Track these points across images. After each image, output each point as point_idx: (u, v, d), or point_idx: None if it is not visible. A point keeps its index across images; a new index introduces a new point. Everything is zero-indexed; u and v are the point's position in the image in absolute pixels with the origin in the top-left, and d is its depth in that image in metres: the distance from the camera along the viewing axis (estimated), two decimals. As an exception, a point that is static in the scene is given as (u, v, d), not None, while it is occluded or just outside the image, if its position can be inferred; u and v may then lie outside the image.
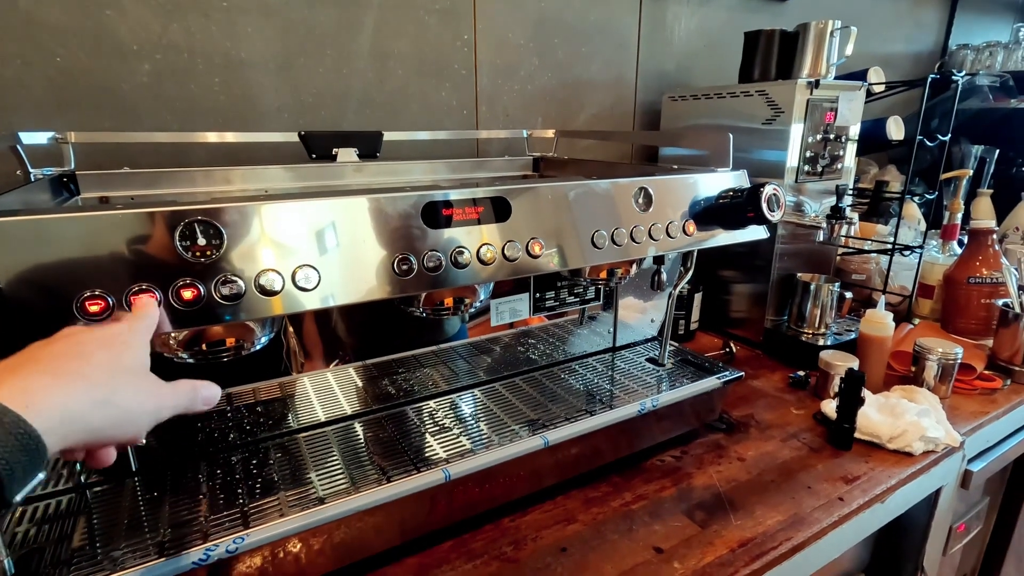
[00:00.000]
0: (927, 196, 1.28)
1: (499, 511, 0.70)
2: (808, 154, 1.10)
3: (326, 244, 0.50)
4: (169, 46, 0.87)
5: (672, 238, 0.70)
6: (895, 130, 1.19)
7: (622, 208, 0.67)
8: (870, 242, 1.30)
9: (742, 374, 0.87)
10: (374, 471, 0.64)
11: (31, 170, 0.69)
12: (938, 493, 0.89)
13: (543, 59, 1.22)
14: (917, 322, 1.27)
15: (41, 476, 0.31)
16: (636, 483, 0.77)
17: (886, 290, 1.23)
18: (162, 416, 0.39)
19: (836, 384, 0.93)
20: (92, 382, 0.34)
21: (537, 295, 0.88)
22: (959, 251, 1.30)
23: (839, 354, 0.99)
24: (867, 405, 0.87)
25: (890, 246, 1.18)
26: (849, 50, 1.13)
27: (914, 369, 1.02)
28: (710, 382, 0.85)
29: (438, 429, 0.74)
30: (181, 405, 0.41)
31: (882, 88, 1.20)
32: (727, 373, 0.87)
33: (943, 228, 1.38)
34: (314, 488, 0.61)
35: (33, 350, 0.35)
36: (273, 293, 0.47)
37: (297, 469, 0.65)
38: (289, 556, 0.56)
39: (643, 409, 0.77)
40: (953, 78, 1.13)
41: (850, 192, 1.20)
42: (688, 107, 1.27)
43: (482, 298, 0.69)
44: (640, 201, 0.68)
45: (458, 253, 0.55)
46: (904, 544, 0.94)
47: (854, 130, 1.15)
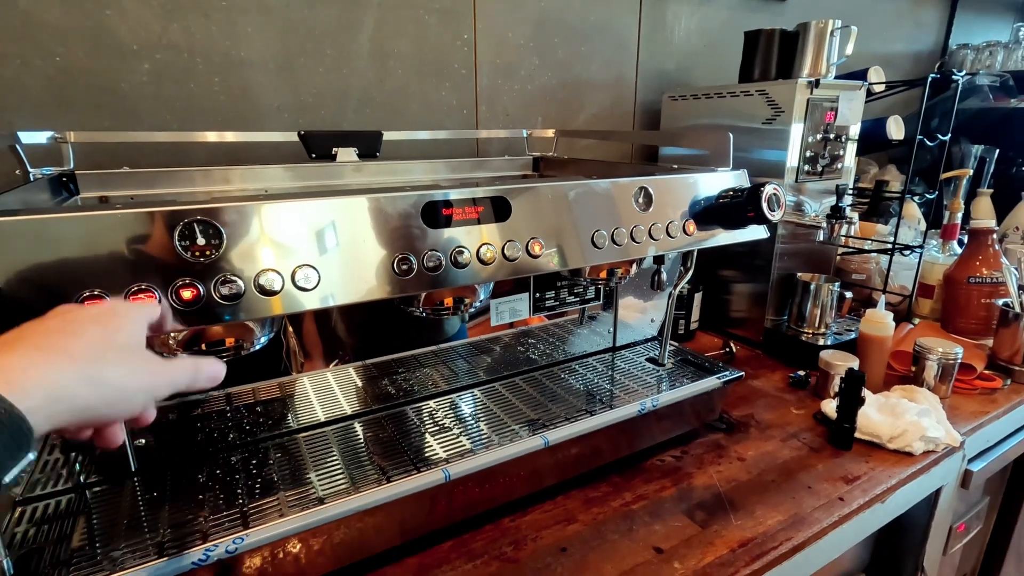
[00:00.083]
0: (927, 196, 1.28)
1: (499, 511, 0.70)
2: (808, 154, 1.10)
3: (326, 244, 0.50)
4: (169, 46, 0.87)
5: (672, 238, 0.70)
6: (895, 130, 1.19)
7: (622, 208, 0.67)
8: (870, 242, 1.30)
9: (742, 374, 0.87)
10: (374, 471, 0.64)
11: (30, 170, 0.69)
12: (938, 493, 0.89)
13: (543, 59, 1.21)
14: (917, 322, 1.27)
15: (30, 456, 0.30)
16: (636, 483, 0.77)
17: (886, 290, 1.23)
18: (159, 394, 0.38)
19: (836, 384, 0.92)
20: (80, 358, 0.33)
21: (537, 295, 0.88)
22: (959, 251, 1.30)
23: (839, 354, 0.99)
24: (867, 405, 0.87)
25: (890, 246, 1.18)
26: (849, 49, 1.13)
27: (914, 369, 1.02)
28: (710, 382, 0.85)
29: (438, 429, 0.74)
30: (180, 382, 0.40)
31: (882, 88, 1.20)
32: (727, 373, 0.87)
33: (943, 228, 1.38)
34: (314, 488, 0.61)
35: (24, 327, 0.34)
36: (273, 293, 0.47)
37: (297, 469, 0.65)
38: (289, 556, 0.56)
39: (643, 409, 0.77)
40: (953, 78, 1.13)
41: (850, 192, 1.20)
42: (688, 107, 1.27)
43: (482, 298, 0.69)
44: (640, 201, 0.68)
45: (458, 253, 0.55)
46: (904, 544, 0.94)
47: (854, 130, 1.15)
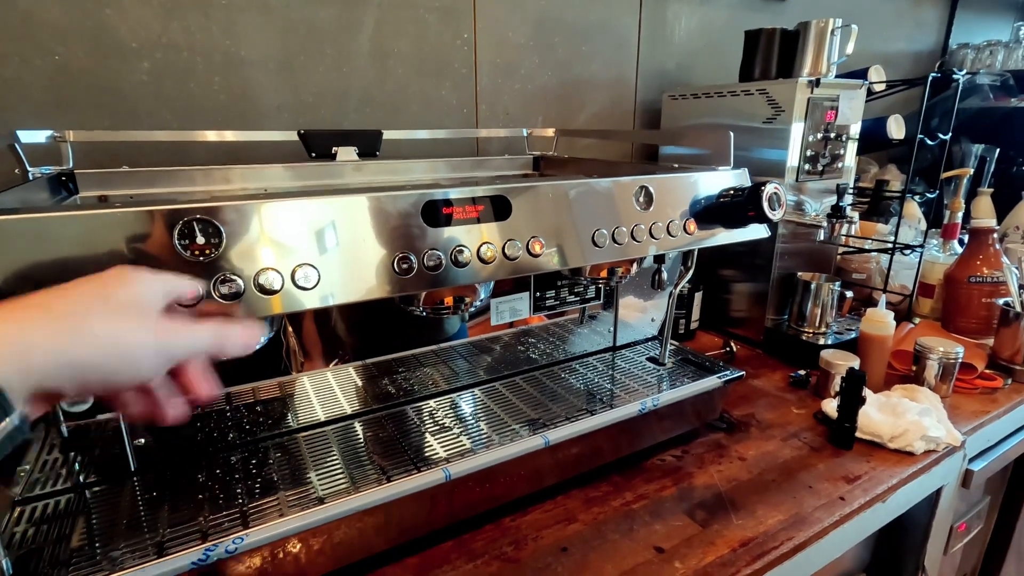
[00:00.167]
0: (928, 195, 1.28)
1: (499, 511, 0.70)
2: (809, 153, 1.10)
3: (326, 243, 0.49)
4: (169, 45, 0.87)
5: (673, 237, 0.70)
6: (896, 129, 1.19)
7: (623, 207, 0.66)
8: (871, 241, 1.29)
9: (743, 373, 0.87)
10: (374, 471, 0.64)
11: (29, 169, 0.69)
12: (939, 492, 0.88)
13: (543, 58, 1.21)
14: (918, 321, 1.27)
15: (13, 421, 0.27)
16: (637, 482, 0.77)
17: (886, 289, 1.23)
18: (173, 354, 0.35)
19: (837, 383, 0.92)
20: (59, 311, 0.31)
21: (537, 294, 0.88)
22: (960, 250, 1.30)
23: (840, 353, 0.99)
24: (868, 404, 0.87)
25: (891, 245, 1.18)
26: (850, 49, 1.13)
27: (915, 368, 1.01)
28: (711, 381, 0.84)
29: (438, 428, 0.74)
30: (199, 344, 0.36)
31: (883, 87, 1.20)
32: (728, 372, 0.86)
33: (943, 227, 1.38)
34: (314, 488, 0.61)
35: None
36: (272, 292, 0.46)
37: (297, 469, 0.65)
38: (289, 556, 0.56)
39: (644, 408, 0.77)
40: (954, 77, 1.13)
41: (851, 191, 1.20)
42: (688, 106, 1.27)
43: (482, 297, 0.69)
44: (641, 200, 0.67)
45: (458, 252, 0.55)
46: (905, 543, 0.94)
47: (855, 129, 1.14)
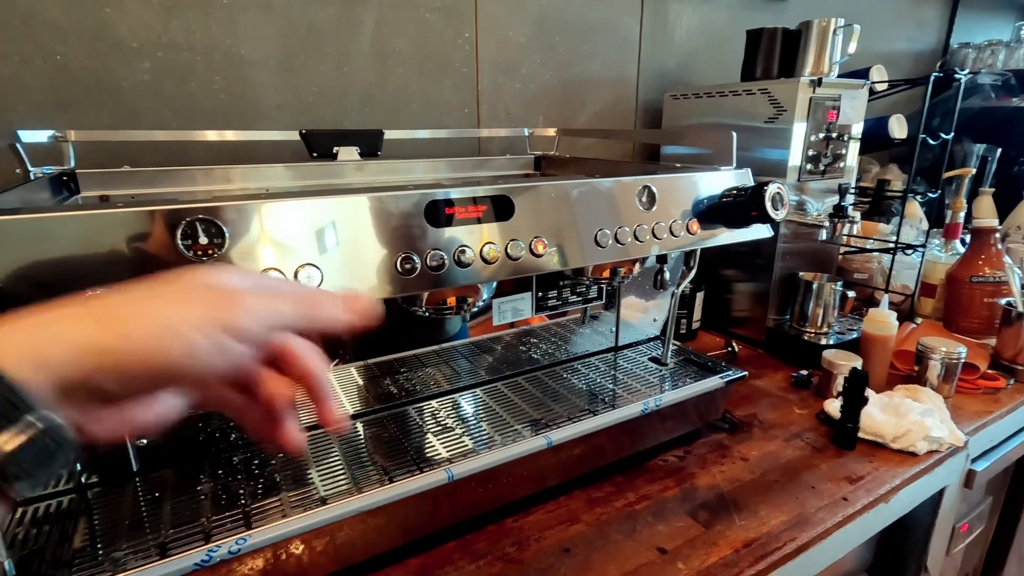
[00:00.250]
0: (929, 195, 1.28)
1: (502, 511, 0.70)
2: (810, 153, 1.10)
3: (329, 243, 0.49)
4: (169, 44, 0.87)
5: (676, 237, 0.70)
6: (898, 129, 1.19)
7: (625, 207, 0.66)
8: (872, 241, 1.29)
9: (745, 373, 0.87)
10: (376, 471, 0.64)
11: (31, 168, 0.68)
12: (942, 493, 0.88)
13: (544, 57, 1.21)
14: (920, 321, 1.26)
15: (38, 424, 0.22)
16: (639, 483, 0.77)
17: (888, 289, 1.22)
18: (237, 328, 0.27)
19: (839, 383, 0.92)
20: (88, 302, 0.26)
21: (540, 294, 0.88)
22: (961, 250, 1.29)
23: (842, 353, 0.98)
24: (870, 404, 0.86)
25: (892, 245, 1.18)
26: (852, 48, 1.13)
27: (917, 368, 1.01)
28: (713, 382, 0.84)
29: (440, 429, 0.73)
30: (277, 315, 0.28)
31: (885, 87, 1.20)
32: (730, 372, 0.86)
33: (945, 227, 1.38)
34: (316, 489, 0.61)
35: None
36: (275, 292, 0.46)
37: (299, 469, 0.64)
38: (291, 557, 0.56)
39: (646, 409, 0.77)
40: (956, 76, 1.13)
41: (852, 191, 1.20)
42: (690, 105, 1.27)
43: (485, 297, 0.69)
44: (643, 200, 0.67)
45: (461, 252, 0.55)
46: (907, 544, 0.94)
47: (857, 128, 1.14)
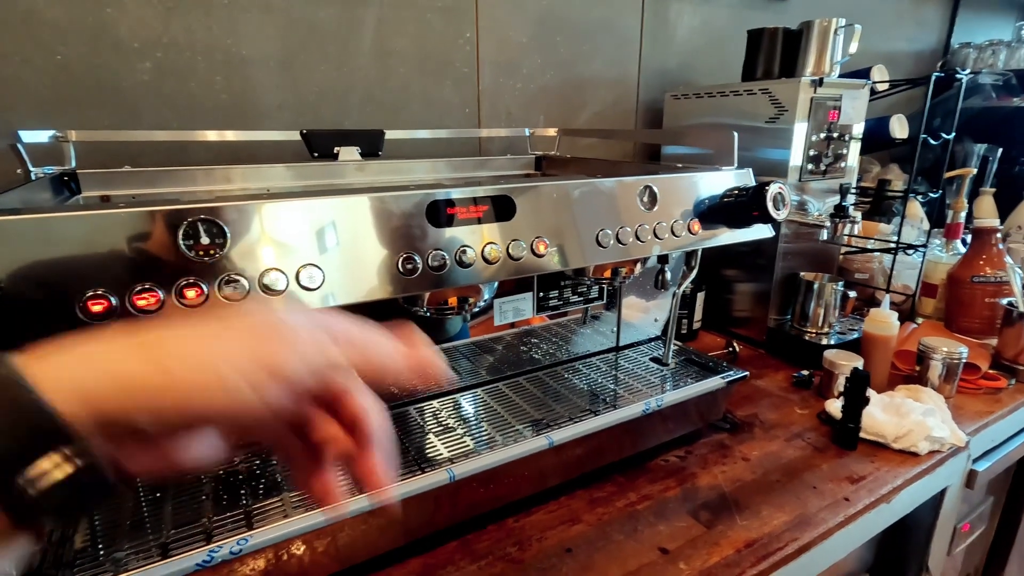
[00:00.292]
0: (930, 195, 1.28)
1: (503, 511, 0.70)
2: (811, 153, 1.10)
3: (330, 243, 0.49)
4: (170, 44, 0.87)
5: (677, 237, 0.70)
6: (899, 128, 1.19)
7: (627, 207, 0.66)
8: (873, 241, 1.29)
9: (747, 374, 0.87)
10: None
11: (31, 169, 0.68)
12: (943, 493, 0.88)
13: (545, 57, 1.21)
14: (921, 321, 1.26)
15: (78, 461, 0.21)
16: (641, 483, 0.77)
17: (889, 289, 1.22)
18: (280, 365, 0.23)
19: (840, 384, 0.92)
20: (131, 334, 0.24)
21: (541, 294, 0.87)
22: (962, 250, 1.29)
23: (843, 353, 0.98)
24: (872, 405, 0.86)
25: (893, 245, 1.18)
26: (853, 48, 1.13)
27: (918, 368, 1.01)
28: (714, 382, 0.84)
29: (442, 429, 0.73)
30: (326, 356, 0.24)
31: (886, 86, 1.20)
32: (731, 373, 0.86)
33: (946, 227, 1.38)
34: (317, 489, 0.61)
35: None
36: (277, 293, 0.46)
37: (300, 470, 0.64)
38: (293, 557, 0.56)
39: (648, 409, 0.77)
40: (957, 76, 1.12)
41: (853, 191, 1.20)
42: (691, 105, 1.27)
43: (486, 297, 0.69)
44: (645, 200, 0.67)
45: (462, 252, 0.55)
46: (909, 544, 0.94)
47: (858, 128, 1.14)
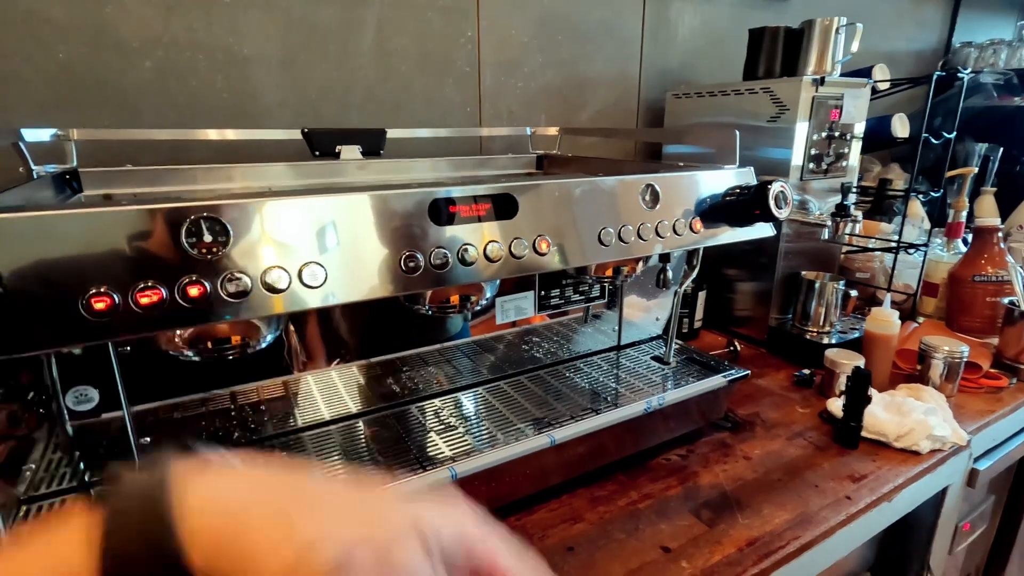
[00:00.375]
0: (931, 194, 1.28)
1: (505, 510, 0.70)
2: (813, 152, 1.10)
3: (332, 241, 0.49)
4: (171, 43, 0.87)
5: (679, 235, 0.70)
6: (900, 128, 1.19)
7: (629, 205, 0.66)
8: (874, 240, 1.29)
9: (748, 372, 0.87)
10: (379, 470, 0.64)
11: (33, 167, 0.68)
12: (944, 492, 0.88)
13: (546, 56, 1.21)
14: (922, 320, 1.26)
15: None
16: (642, 482, 0.77)
17: (891, 288, 1.22)
18: (396, 555, 0.23)
19: (842, 382, 0.92)
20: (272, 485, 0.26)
21: (542, 293, 0.87)
22: (963, 249, 1.29)
23: (844, 352, 0.98)
24: (873, 403, 0.86)
25: (895, 244, 1.18)
26: (855, 47, 1.13)
27: (920, 367, 1.01)
28: (716, 380, 0.84)
29: (443, 428, 0.73)
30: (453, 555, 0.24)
31: (887, 85, 1.20)
32: (733, 371, 0.86)
33: (947, 226, 1.38)
34: (319, 487, 0.61)
35: None
36: (279, 291, 0.46)
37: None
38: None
39: (649, 407, 0.77)
40: (958, 75, 1.12)
41: (854, 190, 1.20)
42: (692, 104, 1.27)
43: (488, 295, 0.69)
44: (647, 198, 0.67)
45: (464, 250, 0.55)
46: (910, 543, 0.94)
47: (859, 127, 1.14)
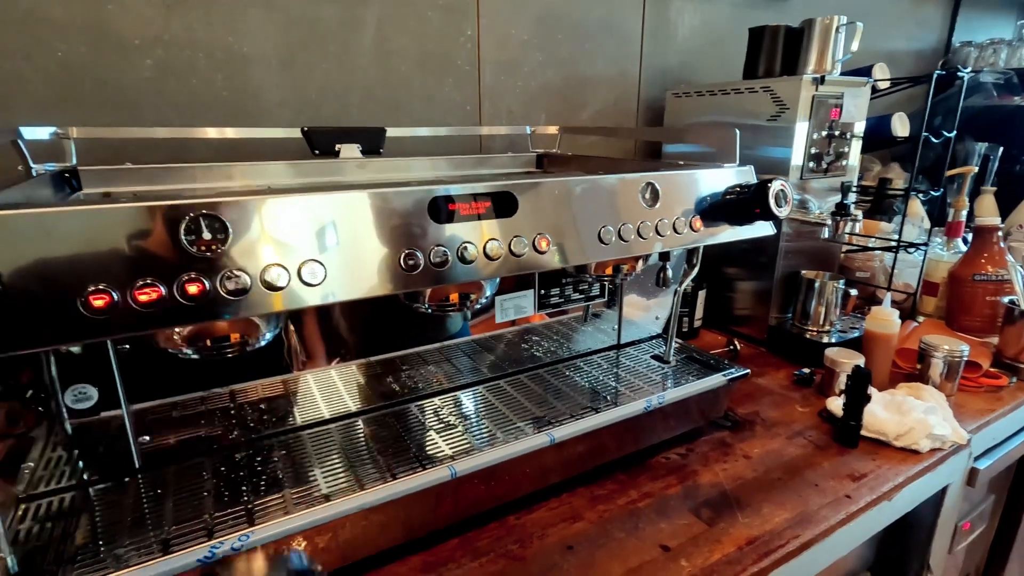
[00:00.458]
0: (931, 193, 1.28)
1: (504, 509, 0.70)
2: (813, 151, 1.10)
3: (332, 239, 0.49)
4: (171, 41, 0.87)
5: (679, 234, 0.70)
6: (900, 127, 1.19)
7: (629, 204, 0.66)
8: (874, 239, 1.29)
9: (748, 371, 0.87)
10: (379, 468, 0.64)
11: (32, 165, 0.68)
12: (944, 491, 0.88)
13: (546, 55, 1.21)
14: (922, 320, 1.26)
15: None
16: (642, 481, 0.77)
17: (891, 287, 1.22)
18: None
19: (842, 382, 0.92)
20: None
21: (542, 291, 0.87)
22: (963, 248, 1.29)
23: (844, 351, 0.98)
24: (873, 402, 0.86)
25: (895, 243, 1.18)
26: (855, 46, 1.13)
27: (920, 367, 1.01)
28: (716, 379, 0.84)
29: (443, 426, 0.73)
30: None
31: (887, 84, 1.20)
32: (733, 370, 0.86)
33: (947, 225, 1.38)
34: (318, 485, 0.61)
35: None
36: (279, 288, 0.46)
37: (301, 466, 0.64)
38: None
39: (649, 406, 0.77)
40: (958, 74, 1.12)
41: (854, 189, 1.19)
42: (692, 104, 1.27)
43: (488, 294, 0.68)
44: (647, 197, 0.67)
45: (464, 248, 0.55)
46: (910, 542, 0.94)
47: (859, 127, 1.14)
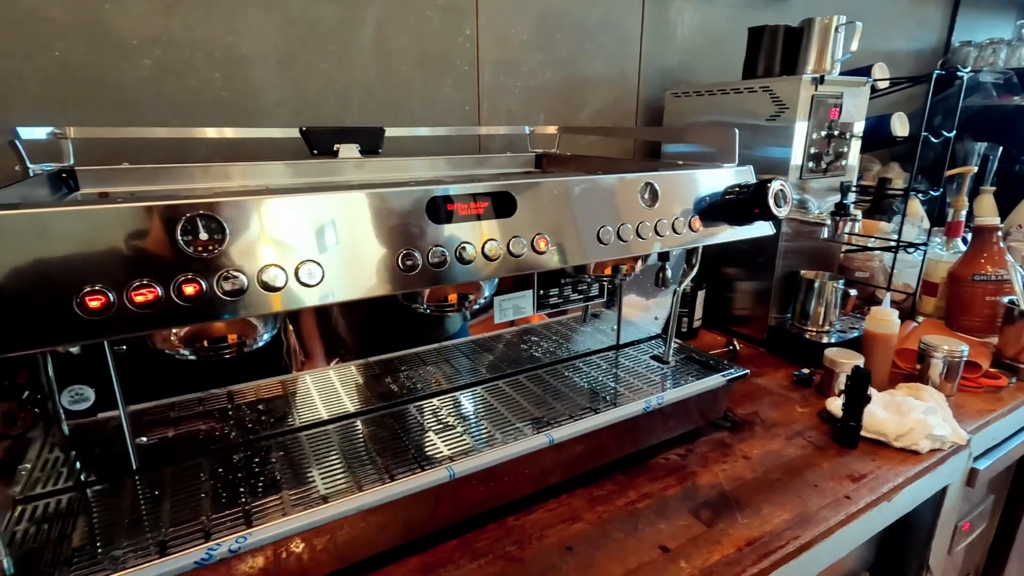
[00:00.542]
0: (931, 193, 1.28)
1: (503, 510, 0.70)
2: (812, 151, 1.10)
3: (330, 240, 0.49)
4: (169, 41, 0.86)
5: (678, 234, 0.69)
6: (900, 127, 1.18)
7: (628, 204, 0.66)
8: (874, 239, 1.29)
9: (747, 372, 0.87)
10: (377, 470, 0.63)
11: (29, 165, 0.68)
12: (944, 491, 0.88)
13: (546, 55, 1.21)
14: (921, 320, 1.26)
15: None
16: (641, 481, 0.76)
17: (890, 288, 1.22)
18: None
19: (841, 382, 0.92)
20: None
21: (541, 292, 0.87)
22: (963, 248, 1.29)
23: (844, 352, 0.98)
24: (873, 403, 0.86)
25: (894, 243, 1.18)
26: (854, 46, 1.12)
27: (919, 367, 1.01)
28: (715, 380, 0.84)
29: (442, 427, 0.73)
30: None
31: (887, 84, 1.20)
32: (732, 371, 0.86)
33: (947, 225, 1.38)
34: (316, 487, 0.60)
35: None
36: (276, 289, 0.46)
37: (299, 467, 0.64)
38: (292, 556, 0.56)
39: (648, 407, 0.76)
40: (958, 74, 1.12)
41: (854, 189, 1.19)
42: (691, 103, 1.27)
43: (487, 294, 0.68)
44: (646, 197, 0.67)
45: (462, 249, 0.55)
46: (909, 542, 0.93)
47: (858, 126, 1.14)
